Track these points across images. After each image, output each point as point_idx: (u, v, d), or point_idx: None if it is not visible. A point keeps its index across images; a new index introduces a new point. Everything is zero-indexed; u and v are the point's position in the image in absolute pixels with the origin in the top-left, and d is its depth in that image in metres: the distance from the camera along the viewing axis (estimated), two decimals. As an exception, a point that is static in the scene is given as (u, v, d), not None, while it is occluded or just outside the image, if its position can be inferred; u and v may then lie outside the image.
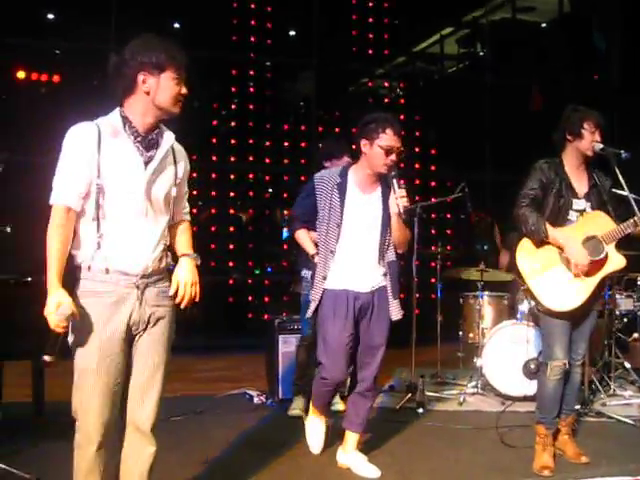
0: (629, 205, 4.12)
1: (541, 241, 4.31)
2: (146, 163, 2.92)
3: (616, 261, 4.31)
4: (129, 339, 2.95)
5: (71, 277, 2.88)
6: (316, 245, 4.25)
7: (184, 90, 2.93)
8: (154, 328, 2.99)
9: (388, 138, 4.02)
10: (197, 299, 3.04)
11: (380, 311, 4.17)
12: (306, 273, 5.18)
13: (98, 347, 2.85)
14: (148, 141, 2.94)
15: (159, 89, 2.88)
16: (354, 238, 4.13)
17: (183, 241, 3.20)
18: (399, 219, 4.08)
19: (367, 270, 4.15)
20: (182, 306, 3.01)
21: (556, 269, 4.33)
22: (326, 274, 4.13)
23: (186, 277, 3.02)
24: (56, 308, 2.71)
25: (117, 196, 2.87)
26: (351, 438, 4.35)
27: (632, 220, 4.18)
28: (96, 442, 2.86)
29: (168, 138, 3.02)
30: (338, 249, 4.13)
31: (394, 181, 4.02)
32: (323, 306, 4.15)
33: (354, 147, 4.26)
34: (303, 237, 4.38)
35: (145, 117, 2.92)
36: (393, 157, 4.05)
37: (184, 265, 3.07)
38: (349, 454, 4.34)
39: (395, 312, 4.20)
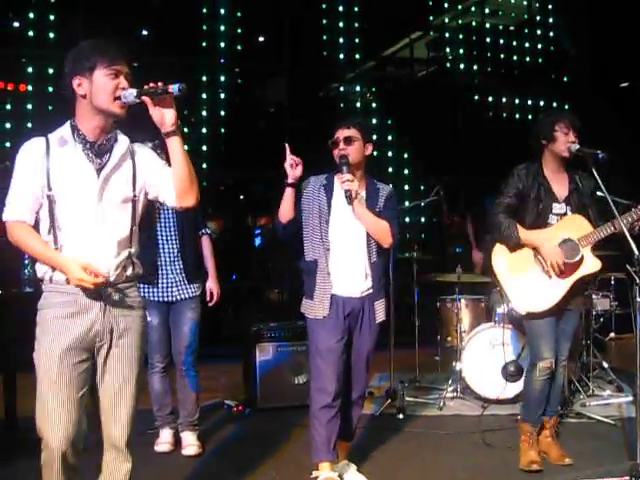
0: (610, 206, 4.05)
1: (516, 244, 4.30)
2: (98, 170, 2.84)
3: (591, 264, 4.31)
4: (92, 350, 2.87)
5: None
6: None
7: (123, 84, 2.78)
8: (122, 340, 2.90)
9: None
10: None
11: (370, 317, 4.05)
12: None
13: (58, 357, 2.78)
14: (98, 147, 2.85)
15: (93, 89, 2.77)
16: (341, 240, 4.00)
17: None
18: (353, 207, 3.90)
19: (355, 274, 4.01)
20: None
21: (530, 271, 4.33)
22: (329, 270, 3.96)
23: None
24: (79, 267, 2.70)
25: (71, 205, 2.81)
26: (342, 448, 4.22)
27: (609, 223, 4.16)
28: (59, 458, 2.77)
29: (122, 142, 2.93)
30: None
31: (344, 168, 3.91)
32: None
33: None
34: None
35: (90, 122, 2.83)
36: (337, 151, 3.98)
37: None
38: (339, 464, 4.18)
39: (379, 314, 4.08)
